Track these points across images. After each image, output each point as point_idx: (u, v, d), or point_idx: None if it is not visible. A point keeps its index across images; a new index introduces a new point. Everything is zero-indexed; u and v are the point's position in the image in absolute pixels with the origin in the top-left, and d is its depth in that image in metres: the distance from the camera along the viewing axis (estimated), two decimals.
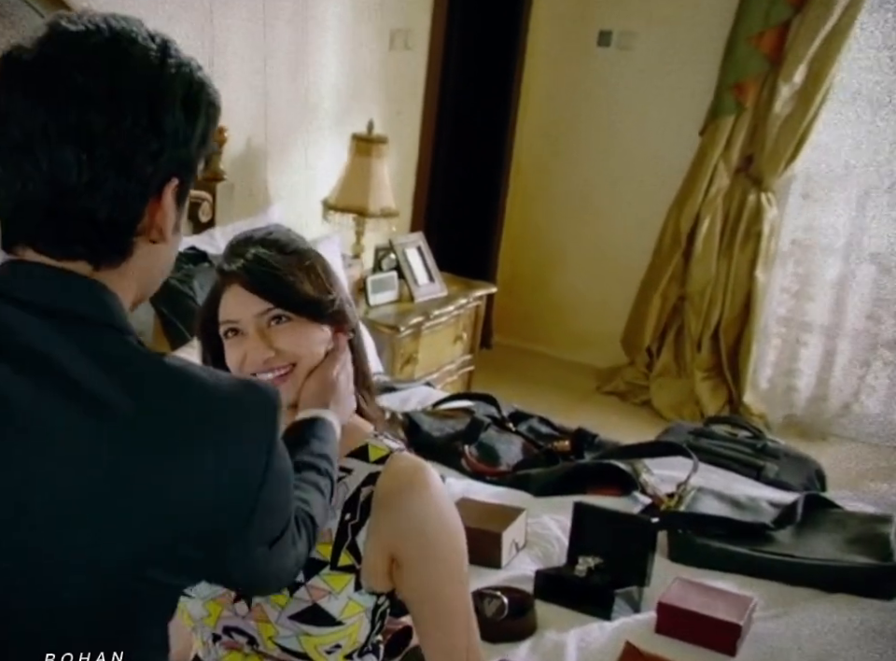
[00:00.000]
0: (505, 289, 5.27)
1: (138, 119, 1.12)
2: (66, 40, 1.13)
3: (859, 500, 3.01)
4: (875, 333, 5.15)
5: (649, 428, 4.99)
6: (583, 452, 3.12)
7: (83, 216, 1.13)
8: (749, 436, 3.48)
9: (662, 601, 2.33)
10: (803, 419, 5.24)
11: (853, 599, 2.48)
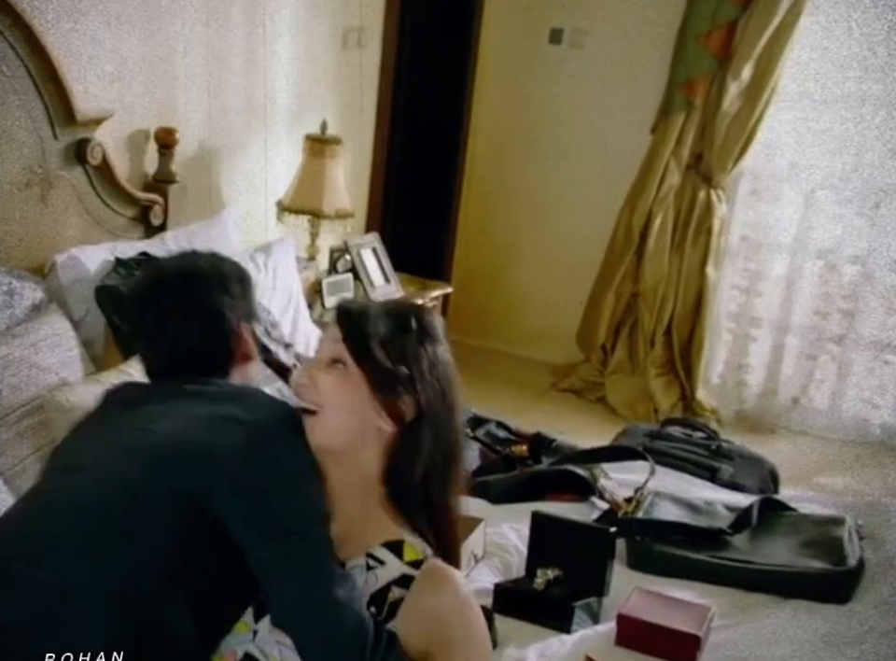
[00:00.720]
0: (460, 287, 5.21)
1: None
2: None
3: (812, 502, 2.99)
4: (822, 329, 5.16)
5: (604, 425, 4.97)
6: (541, 456, 3.07)
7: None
8: (703, 437, 3.45)
9: (621, 613, 2.29)
10: (753, 413, 5.24)
11: (809, 605, 2.47)
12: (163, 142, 3.47)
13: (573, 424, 4.93)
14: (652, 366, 5.09)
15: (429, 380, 1.59)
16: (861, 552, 2.61)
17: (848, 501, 3.01)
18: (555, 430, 3.33)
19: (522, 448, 3.11)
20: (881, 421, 5.15)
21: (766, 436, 5.15)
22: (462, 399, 1.67)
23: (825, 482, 4.84)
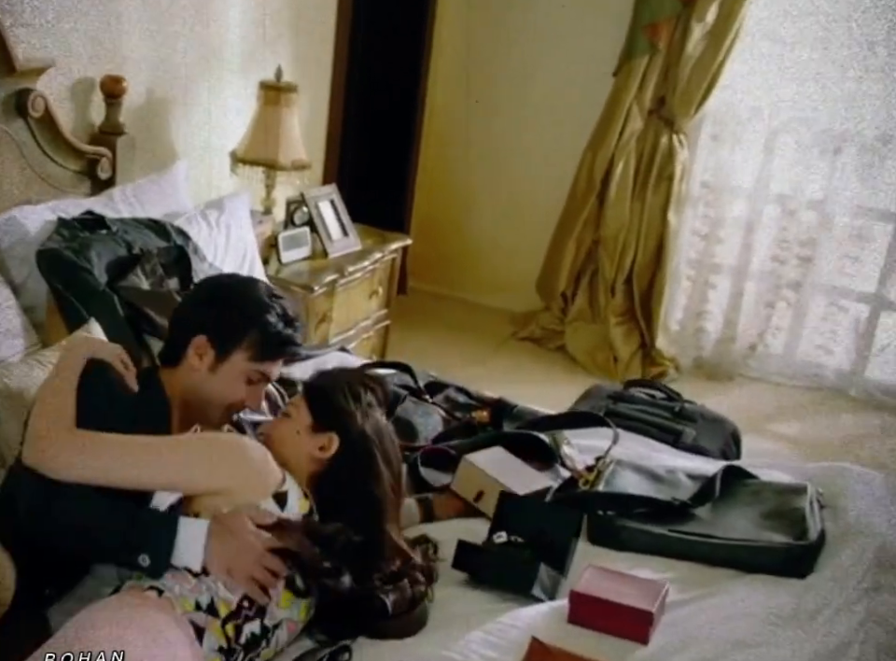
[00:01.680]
0: (420, 235, 5.04)
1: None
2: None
3: (773, 468, 2.89)
4: (780, 275, 5.11)
5: (564, 374, 4.87)
6: (502, 422, 2.93)
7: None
8: (665, 398, 3.33)
9: (574, 590, 2.19)
10: (711, 361, 5.17)
11: (768, 580, 2.38)
12: (110, 91, 3.25)
13: (533, 373, 4.83)
14: (613, 314, 4.97)
15: (356, 426, 2.08)
16: (822, 524, 2.52)
17: (809, 467, 2.91)
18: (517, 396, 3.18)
19: (483, 414, 2.97)
20: (835, 367, 5.14)
21: (724, 383, 5.10)
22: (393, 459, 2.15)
23: (780, 429, 4.81)
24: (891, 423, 4.93)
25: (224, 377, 2.11)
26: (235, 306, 2.13)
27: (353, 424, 2.07)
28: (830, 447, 4.66)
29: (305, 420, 2.08)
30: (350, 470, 2.06)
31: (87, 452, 1.86)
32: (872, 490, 2.73)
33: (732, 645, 2.11)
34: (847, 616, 2.25)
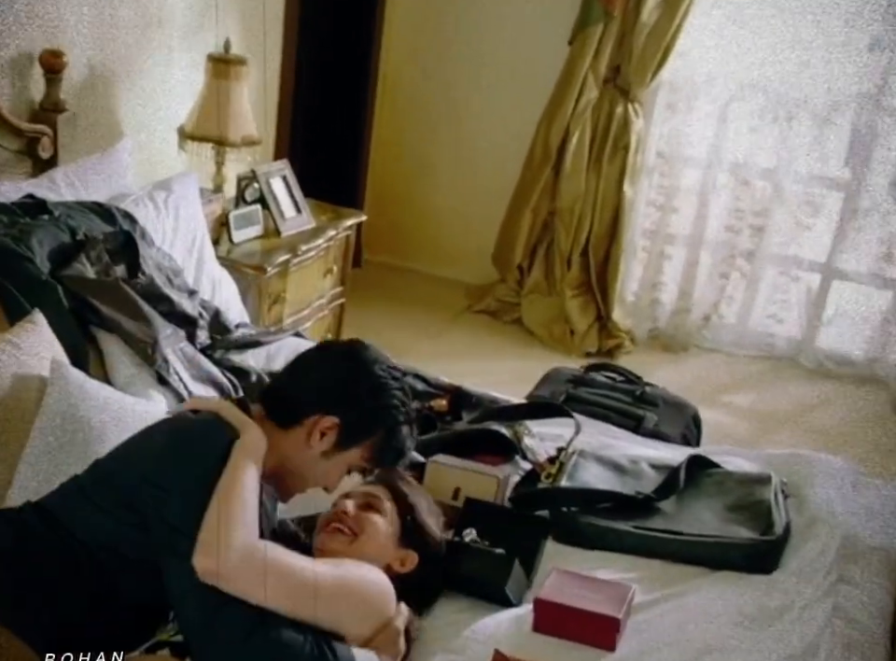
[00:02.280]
0: (374, 206, 4.90)
1: None
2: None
3: (736, 455, 2.81)
4: (733, 245, 5.06)
5: (519, 347, 4.78)
6: (461, 412, 2.82)
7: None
8: (623, 380, 3.24)
9: (538, 597, 2.10)
10: (666, 332, 5.11)
11: (734, 578, 2.30)
12: (49, 66, 3.06)
13: (489, 347, 4.73)
14: (569, 287, 4.88)
15: (435, 549, 2.09)
16: (787, 516, 2.45)
17: (772, 454, 2.84)
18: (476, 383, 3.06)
19: (441, 403, 2.86)
20: (786, 336, 5.12)
21: (678, 354, 5.05)
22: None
23: (734, 400, 4.77)
24: (841, 391, 4.92)
25: (333, 465, 1.94)
26: (380, 402, 1.93)
27: (436, 552, 2.07)
28: (782, 418, 4.65)
29: (395, 527, 2.03)
30: (419, 592, 2.03)
31: (269, 574, 1.70)
32: (835, 478, 2.67)
33: (699, 650, 2.03)
34: (814, 614, 2.19)
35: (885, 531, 2.55)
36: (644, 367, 4.88)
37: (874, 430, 4.62)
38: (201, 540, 1.67)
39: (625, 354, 4.88)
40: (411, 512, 2.05)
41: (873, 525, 2.56)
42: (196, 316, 2.89)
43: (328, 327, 3.98)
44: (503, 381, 4.49)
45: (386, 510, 2.02)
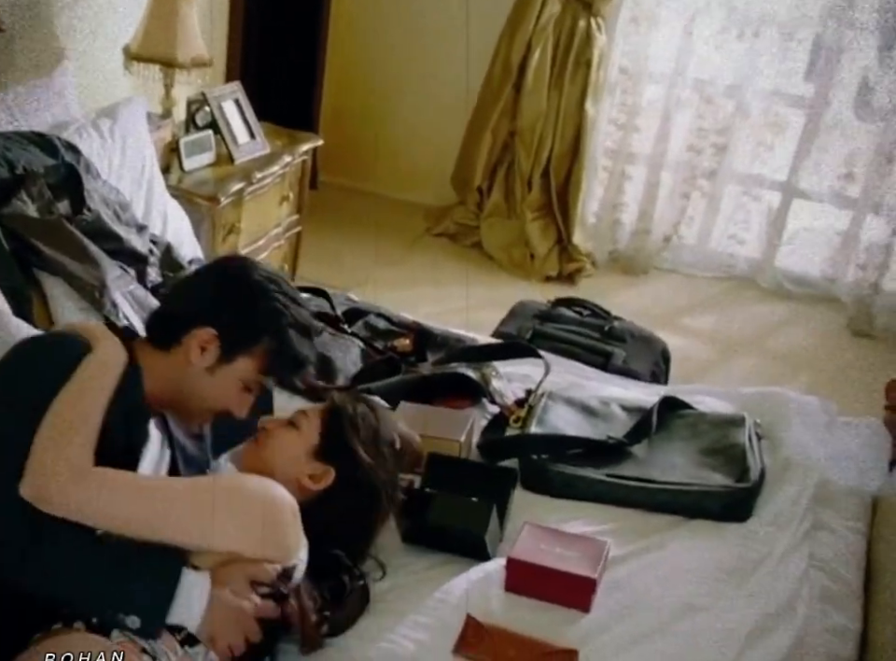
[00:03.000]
0: (330, 127, 4.68)
1: None
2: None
3: (707, 394, 2.70)
4: (695, 164, 4.91)
5: (479, 271, 4.64)
6: (426, 351, 2.68)
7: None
8: (589, 314, 3.11)
9: (511, 556, 1.99)
10: (626, 254, 4.98)
11: (710, 527, 2.21)
12: None
13: (448, 272, 4.58)
14: (529, 209, 4.71)
15: (361, 467, 1.85)
16: (762, 462, 2.36)
17: (744, 394, 2.73)
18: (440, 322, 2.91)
19: (405, 342, 2.72)
20: (746, 256, 5.03)
21: (638, 277, 4.94)
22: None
23: (694, 324, 4.69)
24: (799, 312, 4.85)
25: (221, 380, 1.75)
26: (258, 307, 1.76)
27: (361, 468, 1.84)
28: (742, 341, 4.57)
29: (312, 440, 1.85)
30: (341, 513, 1.84)
31: (103, 493, 1.55)
32: (809, 419, 2.58)
33: (677, 610, 1.94)
34: (791, 566, 2.11)
35: (858, 473, 2.48)
36: (604, 291, 4.79)
37: (832, 352, 4.58)
38: (29, 460, 1.54)
39: (586, 277, 4.75)
40: (338, 427, 1.86)
41: (847, 466, 2.48)
42: (146, 252, 2.70)
43: (284, 256, 3.80)
44: (462, 307, 4.37)
45: (307, 424, 1.86)
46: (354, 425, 1.87)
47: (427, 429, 2.29)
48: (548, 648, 1.81)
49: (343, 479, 1.83)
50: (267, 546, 1.64)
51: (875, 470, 2.52)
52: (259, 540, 1.63)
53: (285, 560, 1.65)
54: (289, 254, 3.85)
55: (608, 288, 4.73)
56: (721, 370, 4.32)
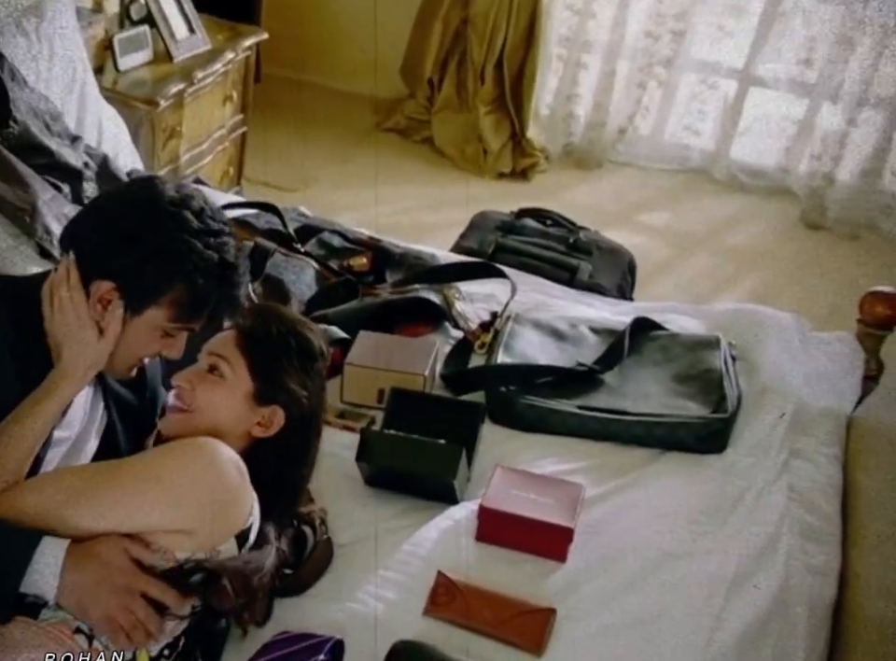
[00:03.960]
0: (273, 15, 4.32)
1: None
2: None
3: (679, 313, 2.55)
4: (652, 52, 4.64)
5: (432, 169, 4.42)
6: (384, 271, 2.48)
7: None
8: (551, 223, 2.93)
9: (482, 505, 1.84)
10: (580, 147, 4.75)
11: (686, 461, 2.09)
12: None
13: (398, 169, 4.33)
14: (482, 102, 4.44)
15: (302, 398, 1.61)
16: (738, 388, 2.23)
17: (717, 311, 2.58)
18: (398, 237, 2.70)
19: (362, 261, 2.51)
20: (701, 147, 4.82)
21: (593, 171, 4.73)
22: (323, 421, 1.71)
23: (649, 219, 4.53)
24: (753, 205, 4.71)
25: (135, 333, 1.54)
26: (156, 252, 1.50)
27: (301, 398, 1.60)
28: (698, 237, 4.43)
29: (245, 385, 1.57)
30: (288, 448, 1.61)
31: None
32: (783, 338, 2.44)
33: (657, 559, 1.83)
34: (770, 502, 2.01)
35: (833, 393, 2.37)
36: (559, 187, 4.59)
37: (786, 246, 4.46)
38: None
39: (540, 173, 4.53)
40: (267, 361, 1.58)
41: (821, 387, 2.36)
42: (81, 166, 2.44)
43: (229, 159, 3.53)
44: (415, 207, 4.15)
45: (230, 369, 1.57)
46: (279, 353, 1.59)
47: (389, 363, 2.13)
48: (524, 607, 1.68)
49: (293, 415, 1.60)
50: (217, 517, 1.45)
51: (849, 387, 2.41)
52: (207, 512, 1.43)
53: (239, 525, 1.47)
54: (235, 156, 3.57)
55: (562, 183, 4.53)
56: (678, 268, 4.18)
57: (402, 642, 1.59)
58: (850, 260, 4.35)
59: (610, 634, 1.66)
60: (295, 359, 1.60)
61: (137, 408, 1.72)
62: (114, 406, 1.67)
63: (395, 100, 4.65)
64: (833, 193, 4.55)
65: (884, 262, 4.33)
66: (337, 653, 1.59)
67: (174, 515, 1.42)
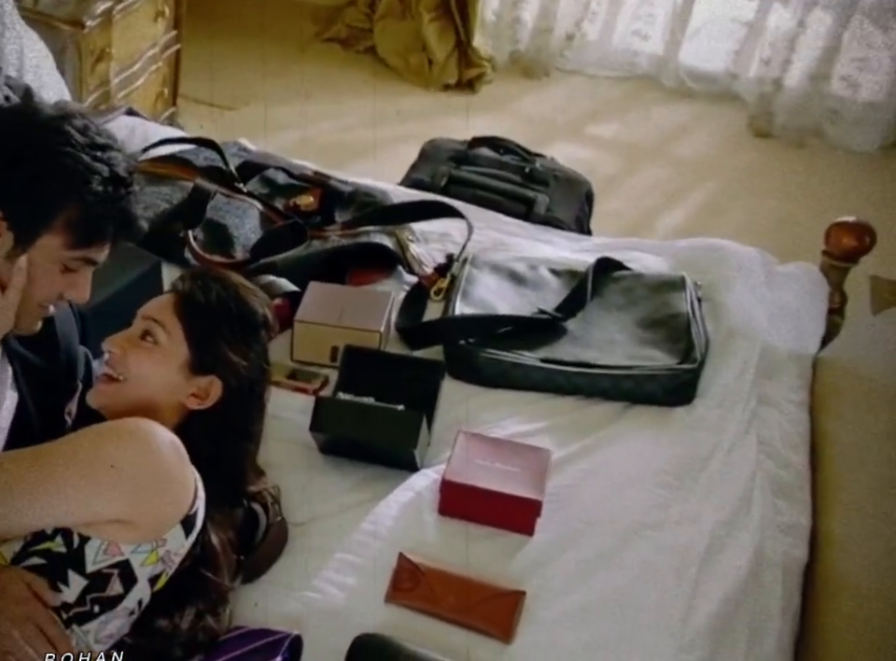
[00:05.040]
0: None
1: None
2: None
3: (641, 250, 2.39)
4: None
5: (375, 81, 4.14)
6: (332, 210, 2.28)
7: None
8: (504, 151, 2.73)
9: (446, 478, 1.69)
10: (527, 55, 4.49)
11: (654, 416, 1.95)
12: None
13: (341, 81, 4.06)
14: (426, 9, 4.15)
15: (241, 368, 1.46)
16: (705, 334, 2.08)
17: (680, 248, 2.42)
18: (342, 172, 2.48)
19: (309, 200, 2.30)
20: (649, 53, 4.59)
21: (540, 79, 4.49)
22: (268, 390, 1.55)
23: (597, 131, 4.33)
24: (701, 113, 4.53)
25: (31, 272, 1.36)
26: (41, 171, 1.33)
27: (240, 369, 1.45)
28: (647, 148, 4.25)
29: (181, 353, 1.43)
30: (227, 422, 1.46)
31: None
32: (749, 276, 2.29)
33: (627, 531, 1.70)
34: (740, 459, 1.88)
35: (798, 332, 2.23)
36: (506, 97, 4.35)
37: (734, 155, 4.31)
38: None
39: (486, 84, 4.29)
40: (205, 328, 1.45)
41: (787, 326, 2.23)
42: (1, 101, 2.19)
43: (163, 80, 3.23)
44: (358, 124, 3.90)
45: (165, 334, 1.44)
46: (218, 321, 1.45)
47: (341, 318, 1.95)
48: (492, 591, 1.55)
49: (228, 384, 1.45)
50: (160, 504, 1.30)
51: (814, 324, 2.29)
52: (149, 500, 1.28)
53: (183, 510, 1.32)
54: (169, 76, 3.28)
55: (509, 94, 4.30)
56: (629, 182, 4.01)
57: (365, 636, 1.46)
58: (798, 168, 4.22)
59: (582, 617, 1.54)
60: (236, 327, 1.46)
61: (44, 372, 1.51)
62: (21, 372, 1.47)
63: (334, 7, 4.34)
64: (781, 99, 4.39)
65: (830, 169, 4.21)
66: (295, 650, 1.46)
67: (115, 506, 1.27)
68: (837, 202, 3.87)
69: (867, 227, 2.36)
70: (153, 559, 1.30)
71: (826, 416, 2.05)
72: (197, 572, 1.39)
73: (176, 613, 1.37)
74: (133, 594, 1.31)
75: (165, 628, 1.37)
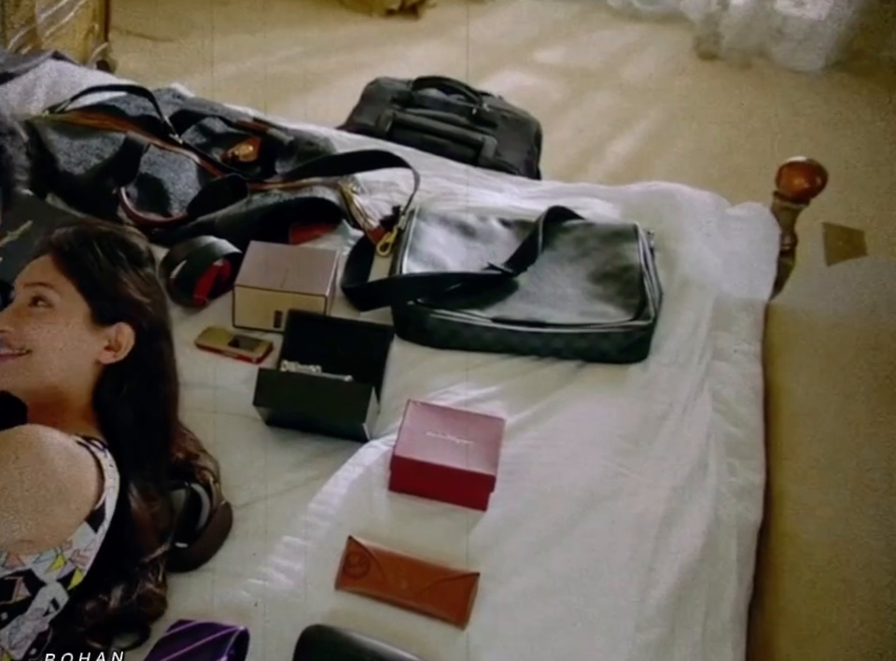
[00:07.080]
0: None
1: None
2: None
3: (592, 195, 2.26)
4: None
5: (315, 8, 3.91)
6: (274, 160, 2.11)
7: None
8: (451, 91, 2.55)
9: (396, 454, 1.57)
10: None
11: (608, 376, 1.83)
12: None
13: (282, 12, 3.81)
14: None
15: (146, 306, 1.37)
16: (658, 287, 1.96)
17: (632, 193, 2.27)
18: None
19: (248, 150, 2.11)
20: None
21: (485, 3, 4.27)
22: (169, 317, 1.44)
23: (544, 57, 4.15)
24: (648, 35, 4.37)
25: None
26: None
27: (146, 306, 1.36)
28: (594, 73, 4.09)
29: (80, 309, 1.32)
30: (144, 366, 1.36)
31: None
32: (702, 222, 2.16)
33: (581, 502, 1.58)
34: (695, 417, 1.77)
35: (750, 278, 2.12)
36: (451, 22, 4.14)
37: (681, 79, 4.17)
38: None
39: (430, 8, 4.08)
40: (97, 276, 1.33)
41: (739, 273, 2.11)
42: None
43: (93, 13, 2.97)
44: (300, 54, 3.67)
45: (58, 293, 1.31)
46: (110, 265, 1.34)
47: (284, 282, 1.79)
48: (445, 574, 1.43)
49: (139, 326, 1.35)
50: (57, 514, 1.16)
51: (766, 268, 2.18)
52: (46, 514, 1.14)
53: (85, 510, 1.19)
54: (99, 9, 3.01)
55: (453, 19, 4.09)
56: (576, 110, 3.85)
57: (313, 629, 1.35)
58: (744, 89, 4.09)
59: (537, 597, 1.44)
60: (128, 267, 1.37)
61: None
62: None
63: None
64: (727, 19, 4.25)
65: (775, 90, 4.09)
66: (241, 646, 1.35)
67: (19, 532, 1.13)
68: (783, 122, 3.76)
69: (818, 167, 2.23)
70: (59, 564, 1.18)
71: (779, 369, 1.94)
72: (117, 549, 1.28)
73: (102, 593, 1.27)
74: (41, 595, 1.19)
75: (93, 611, 1.26)
